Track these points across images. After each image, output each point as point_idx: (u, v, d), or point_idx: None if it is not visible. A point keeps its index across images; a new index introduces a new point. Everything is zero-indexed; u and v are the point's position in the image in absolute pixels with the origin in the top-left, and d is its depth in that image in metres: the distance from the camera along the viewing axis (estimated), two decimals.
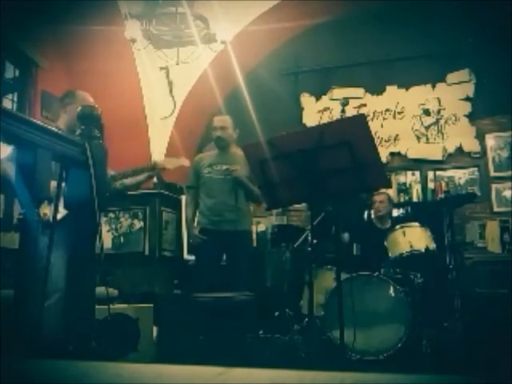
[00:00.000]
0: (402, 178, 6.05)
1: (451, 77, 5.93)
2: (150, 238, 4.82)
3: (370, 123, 5.15)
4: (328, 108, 6.31)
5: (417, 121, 6.03)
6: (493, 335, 3.35)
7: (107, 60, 5.69)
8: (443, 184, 5.78)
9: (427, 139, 5.96)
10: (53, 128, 1.58)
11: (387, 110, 6.13)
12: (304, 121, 6.37)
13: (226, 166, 3.81)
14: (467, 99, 5.86)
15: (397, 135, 6.07)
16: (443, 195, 5.45)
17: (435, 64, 5.95)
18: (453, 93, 5.90)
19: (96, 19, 5.46)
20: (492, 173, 5.69)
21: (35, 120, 1.47)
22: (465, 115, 5.85)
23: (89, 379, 1.07)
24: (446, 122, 5.91)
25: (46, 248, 1.59)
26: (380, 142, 5.99)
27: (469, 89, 5.87)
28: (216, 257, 3.85)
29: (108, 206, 4.60)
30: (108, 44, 5.63)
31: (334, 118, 6.00)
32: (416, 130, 6.02)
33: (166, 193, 5.05)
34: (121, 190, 3.19)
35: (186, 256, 5.15)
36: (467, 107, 5.86)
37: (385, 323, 3.38)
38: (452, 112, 5.90)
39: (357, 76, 6.24)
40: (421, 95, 6.02)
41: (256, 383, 1.00)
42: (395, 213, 5.15)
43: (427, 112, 6.00)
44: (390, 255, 3.83)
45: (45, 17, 5.47)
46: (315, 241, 3.87)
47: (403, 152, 6.02)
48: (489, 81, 5.76)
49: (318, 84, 6.39)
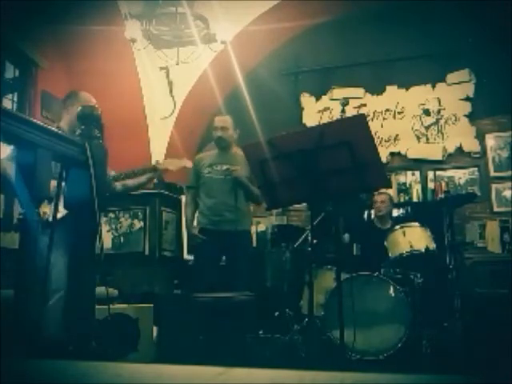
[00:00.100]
0: (402, 178, 6.05)
1: (451, 77, 5.93)
2: (150, 238, 4.82)
3: (370, 123, 5.15)
4: (328, 108, 6.31)
5: (417, 121, 6.03)
6: (493, 335, 3.35)
7: (107, 60, 5.69)
8: (443, 184, 5.78)
9: (427, 139, 5.96)
10: (53, 128, 1.58)
11: (387, 110, 6.13)
12: (304, 121, 6.37)
13: (227, 166, 3.81)
14: (467, 99, 5.86)
15: (397, 135, 6.07)
16: (443, 195, 5.45)
17: (435, 64, 5.95)
18: (453, 93, 5.90)
19: (96, 19, 5.46)
20: (492, 173, 5.69)
21: (35, 120, 1.47)
22: (465, 115, 5.85)
23: (89, 379, 1.07)
24: (446, 122, 5.91)
25: (46, 248, 1.59)
26: (380, 142, 5.99)
27: (469, 89, 5.86)
28: (215, 257, 3.85)
29: (108, 206, 4.60)
30: (108, 44, 5.63)
31: (334, 118, 6.00)
32: (416, 130, 6.02)
33: (166, 193, 5.05)
34: (121, 191, 3.19)
35: (186, 256, 5.15)
36: (467, 107, 5.86)
37: (385, 323, 3.38)
38: (452, 112, 5.90)
39: (357, 76, 6.24)
40: (421, 95, 6.02)
41: (256, 383, 1.00)
42: (395, 213, 5.15)
43: (427, 112, 6.00)
44: (390, 255, 3.83)
45: (45, 17, 5.47)
46: (315, 241, 3.87)
47: (403, 152, 6.02)
48: (489, 81, 5.76)
49: (318, 84, 6.39)
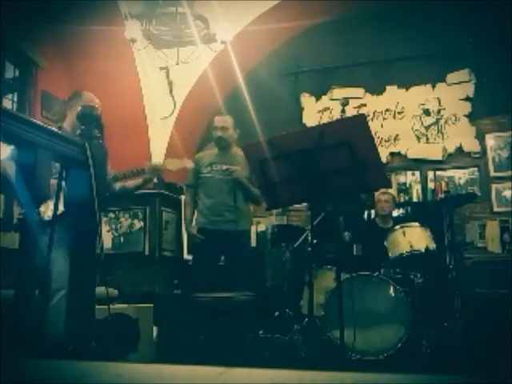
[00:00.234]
0: (402, 178, 6.05)
1: (451, 77, 5.93)
2: (150, 238, 4.82)
3: (370, 123, 5.15)
4: (328, 108, 6.31)
5: (417, 121, 6.03)
6: (493, 335, 3.34)
7: (107, 60, 5.69)
8: (443, 184, 5.77)
9: (427, 139, 5.96)
10: (53, 128, 1.58)
11: (387, 110, 6.13)
12: (304, 121, 6.37)
13: (226, 167, 3.80)
14: (467, 99, 5.86)
15: (397, 135, 6.07)
16: (443, 195, 5.45)
17: (435, 64, 5.94)
18: (453, 93, 5.90)
19: (96, 19, 5.46)
20: (492, 173, 5.69)
21: (35, 120, 1.47)
22: (465, 115, 5.85)
23: (89, 379, 1.07)
24: (446, 122, 5.91)
25: (46, 248, 1.59)
26: (380, 142, 5.99)
27: (469, 89, 5.86)
28: (214, 257, 3.85)
29: (108, 206, 4.61)
30: (108, 44, 5.63)
31: (334, 118, 6.00)
32: (416, 130, 6.02)
33: (166, 193, 5.05)
34: (120, 192, 3.19)
35: (186, 256, 5.15)
36: (467, 107, 5.85)
37: (385, 323, 3.38)
38: (452, 112, 5.90)
39: (357, 76, 6.23)
40: (421, 95, 6.02)
41: (256, 383, 1.00)
42: (395, 213, 5.14)
43: (427, 112, 5.99)
44: (390, 255, 3.83)
45: (45, 17, 5.47)
46: (315, 241, 3.87)
47: (403, 152, 6.02)
48: (489, 81, 5.76)
49: (318, 84, 6.39)
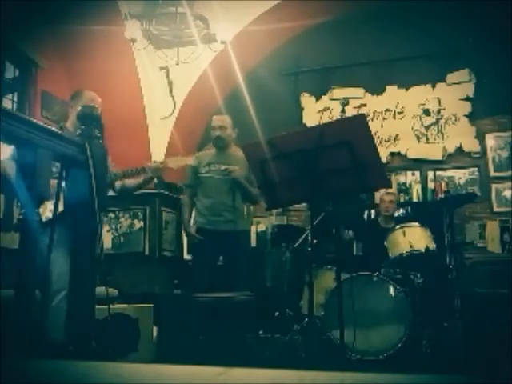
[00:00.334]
0: (402, 178, 6.05)
1: (451, 77, 5.93)
2: (150, 238, 4.82)
3: (370, 123, 5.15)
4: (328, 108, 6.31)
5: (417, 121, 6.03)
6: (493, 335, 3.34)
7: (107, 60, 5.69)
8: (443, 184, 5.77)
9: (427, 139, 5.96)
10: (53, 128, 1.58)
11: (387, 110, 6.13)
12: (304, 121, 6.37)
13: (225, 166, 3.79)
14: (467, 99, 5.86)
15: (397, 135, 6.07)
16: (443, 195, 5.45)
17: (435, 64, 5.94)
18: (453, 93, 5.90)
19: (96, 19, 5.46)
20: (492, 173, 5.69)
21: (35, 120, 1.47)
22: (465, 115, 5.85)
23: (89, 379, 1.07)
24: (446, 122, 5.91)
25: (46, 248, 1.59)
26: (380, 142, 5.99)
27: (469, 89, 5.86)
28: (213, 257, 3.84)
29: (108, 206, 4.60)
30: (108, 44, 5.63)
31: (334, 118, 6.00)
32: (416, 130, 6.02)
33: (166, 193, 5.05)
34: (120, 191, 3.18)
35: (186, 256, 5.15)
36: (467, 107, 5.85)
37: (385, 323, 3.38)
38: (452, 112, 5.90)
39: (357, 76, 6.23)
40: (421, 95, 6.02)
41: (256, 383, 1.00)
42: (395, 213, 5.14)
43: (427, 112, 5.99)
44: (390, 255, 3.83)
45: (45, 17, 5.47)
46: (315, 241, 3.87)
47: (403, 152, 6.02)
48: (489, 81, 5.76)
49: (318, 84, 6.39)
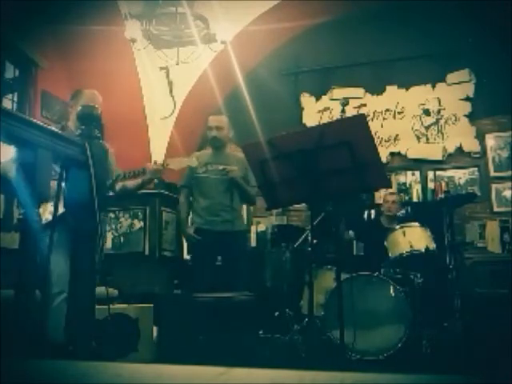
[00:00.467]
0: (402, 178, 6.05)
1: (451, 77, 5.93)
2: (150, 238, 4.82)
3: (370, 123, 5.15)
4: (328, 108, 6.31)
5: (417, 121, 6.03)
6: (493, 335, 3.35)
7: (107, 60, 5.69)
8: (443, 184, 5.77)
9: (427, 139, 5.96)
10: (53, 128, 1.58)
11: (387, 110, 6.13)
12: (304, 121, 6.37)
13: (223, 166, 3.78)
14: (467, 99, 5.86)
15: (397, 135, 6.07)
16: (443, 195, 5.45)
17: (435, 64, 5.94)
18: (453, 93, 5.90)
19: (96, 19, 5.46)
20: (492, 173, 5.69)
21: (35, 120, 1.47)
22: (465, 115, 5.85)
23: (89, 379, 1.07)
24: (446, 122, 5.91)
25: (47, 248, 1.59)
26: (380, 142, 5.99)
27: (469, 89, 5.86)
28: (211, 257, 3.83)
29: (108, 206, 4.60)
30: (108, 44, 5.62)
31: (334, 118, 6.00)
32: (416, 130, 6.02)
33: (166, 193, 5.05)
34: (120, 192, 3.18)
35: (186, 256, 5.15)
36: (467, 107, 5.85)
37: (385, 323, 3.38)
38: (452, 112, 5.90)
39: (357, 76, 6.23)
40: (421, 95, 6.02)
41: (256, 383, 1.00)
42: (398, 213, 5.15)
43: (427, 112, 5.99)
44: (390, 255, 3.83)
45: (45, 17, 5.47)
46: (315, 241, 3.87)
47: (403, 152, 6.02)
48: (489, 81, 5.76)
49: (318, 84, 6.39)
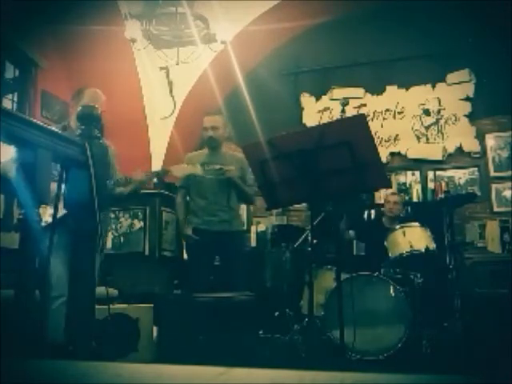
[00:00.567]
0: (402, 178, 6.05)
1: (451, 77, 5.93)
2: (150, 238, 4.82)
3: (370, 123, 5.15)
4: (328, 108, 6.31)
5: (417, 121, 6.03)
6: (493, 335, 3.35)
7: (107, 60, 5.69)
8: (443, 184, 5.77)
9: (427, 139, 5.96)
10: (53, 128, 1.58)
11: (387, 110, 6.13)
12: (304, 121, 6.37)
13: (219, 166, 3.76)
14: (467, 99, 5.86)
15: (397, 135, 6.07)
16: (443, 195, 5.45)
17: (435, 64, 5.94)
18: (453, 93, 5.90)
19: (96, 19, 5.46)
20: (492, 173, 5.69)
21: (35, 120, 1.47)
22: (465, 115, 5.85)
23: (89, 379, 1.07)
24: (446, 122, 5.91)
25: (47, 249, 1.59)
26: (380, 142, 5.99)
27: (469, 89, 5.86)
28: (209, 257, 3.82)
29: (108, 206, 4.60)
30: (108, 44, 5.62)
31: (334, 118, 6.00)
32: (416, 130, 6.02)
33: (166, 193, 5.05)
34: (119, 196, 3.18)
35: (186, 256, 5.15)
36: (467, 107, 5.85)
37: (385, 323, 3.38)
38: (452, 112, 5.90)
39: (357, 76, 6.23)
40: (421, 95, 6.02)
41: (256, 383, 1.00)
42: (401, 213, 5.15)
43: (427, 112, 5.99)
44: (390, 255, 3.83)
45: (45, 17, 5.47)
46: (315, 241, 3.87)
47: (403, 152, 6.02)
48: (489, 81, 5.76)
49: (318, 84, 6.39)
